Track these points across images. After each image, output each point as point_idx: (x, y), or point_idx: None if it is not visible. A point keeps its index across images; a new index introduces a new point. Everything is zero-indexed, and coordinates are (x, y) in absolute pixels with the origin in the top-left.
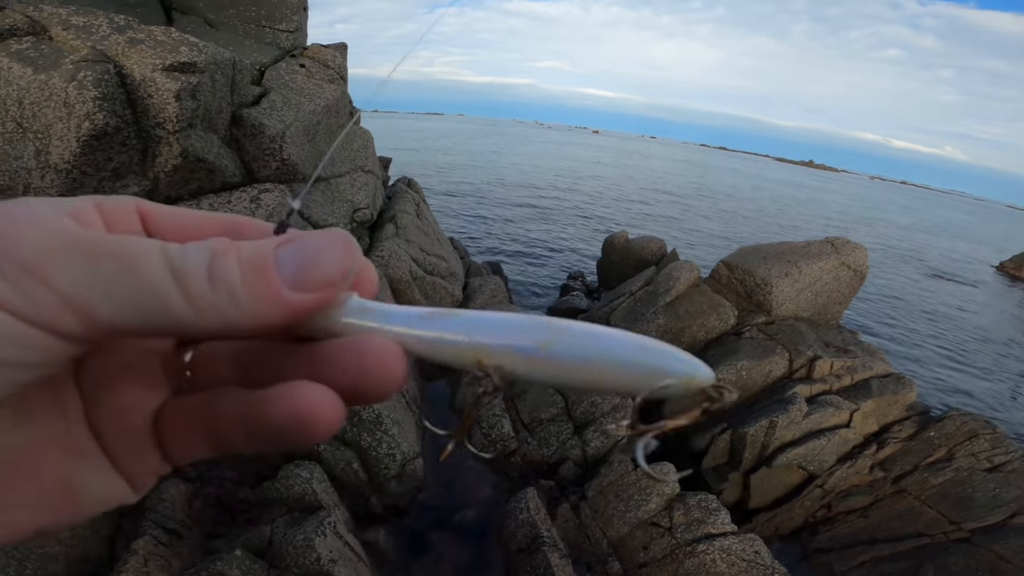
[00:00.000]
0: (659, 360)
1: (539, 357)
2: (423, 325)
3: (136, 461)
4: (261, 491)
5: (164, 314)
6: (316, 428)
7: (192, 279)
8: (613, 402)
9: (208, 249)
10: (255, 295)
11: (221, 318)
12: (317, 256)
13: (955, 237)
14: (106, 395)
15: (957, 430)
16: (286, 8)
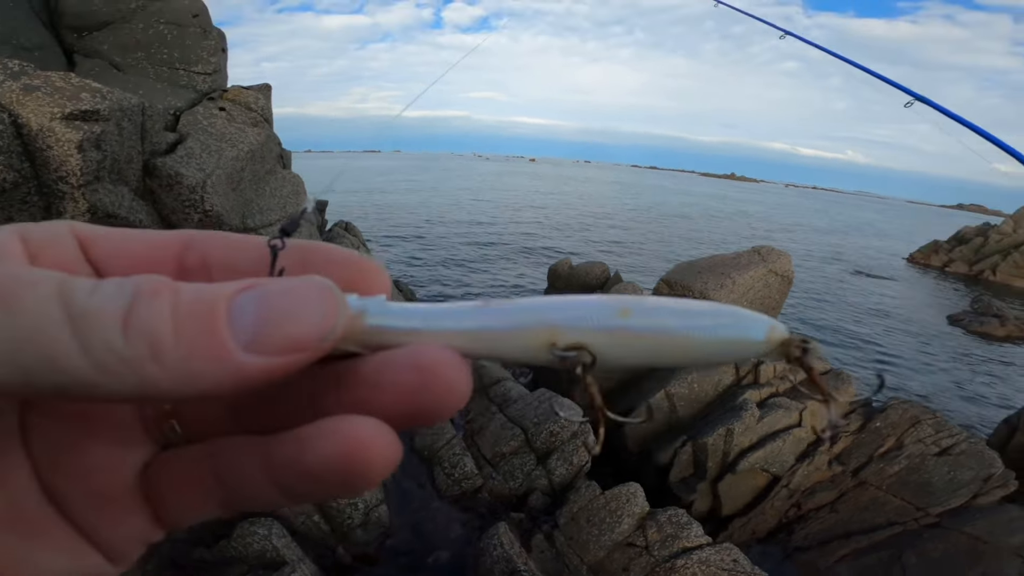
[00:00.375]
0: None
1: (620, 331)
2: (479, 318)
3: (115, 528)
4: (218, 550)
5: (51, 370)
6: (370, 471)
7: (94, 323)
8: (572, 429)
9: (131, 286)
10: (192, 352)
11: (137, 379)
12: (288, 308)
13: (867, 235)
14: (67, 455)
15: (900, 418)
16: (202, 50)
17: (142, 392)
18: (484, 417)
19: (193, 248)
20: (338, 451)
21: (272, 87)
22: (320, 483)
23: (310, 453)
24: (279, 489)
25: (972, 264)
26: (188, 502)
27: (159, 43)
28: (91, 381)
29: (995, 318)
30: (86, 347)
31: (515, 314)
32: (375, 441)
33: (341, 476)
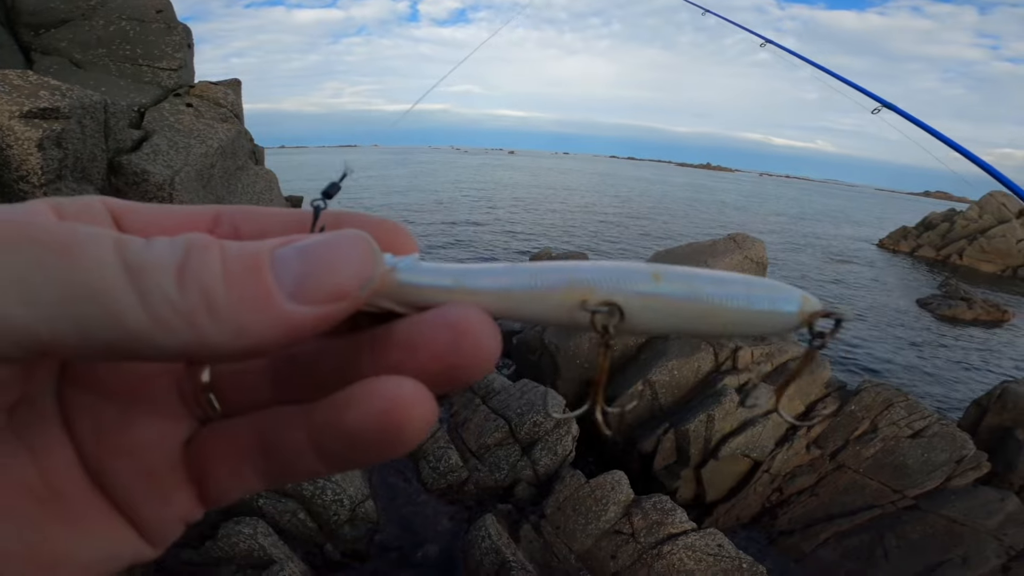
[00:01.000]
0: (775, 294)
1: (653, 295)
2: (512, 277)
3: (158, 507)
4: (204, 551)
5: (108, 325)
6: (408, 430)
7: (153, 276)
8: (555, 419)
9: (182, 242)
10: (242, 303)
11: (191, 333)
12: (328, 258)
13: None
14: (116, 432)
15: (873, 401)
16: (166, 45)
17: (193, 347)
18: (468, 409)
19: (223, 220)
20: (377, 411)
21: (242, 83)
22: (359, 445)
23: (350, 414)
24: (320, 455)
25: (939, 249)
26: (232, 476)
27: (121, 39)
28: (146, 335)
29: (963, 301)
30: (144, 299)
31: (549, 274)
32: (413, 401)
33: (380, 436)
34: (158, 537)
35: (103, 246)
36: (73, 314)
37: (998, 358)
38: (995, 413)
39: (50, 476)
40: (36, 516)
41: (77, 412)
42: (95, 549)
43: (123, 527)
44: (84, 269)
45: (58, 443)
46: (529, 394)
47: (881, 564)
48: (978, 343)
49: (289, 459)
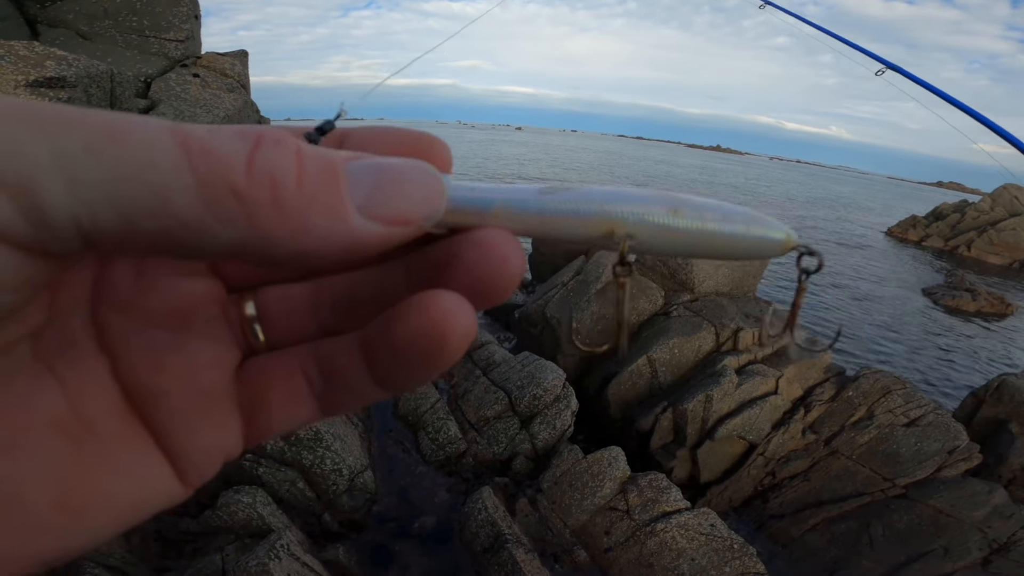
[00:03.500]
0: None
1: (670, 228)
2: (548, 203)
3: (203, 438)
4: (203, 520)
5: (156, 209)
6: (453, 340)
7: (218, 160)
8: (555, 394)
9: (254, 132)
10: (312, 202)
11: (250, 225)
12: (402, 183)
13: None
14: (167, 352)
15: (871, 387)
16: (173, 16)
17: (251, 241)
18: (468, 381)
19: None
20: (422, 323)
21: (249, 55)
22: (408, 358)
23: (397, 328)
24: (375, 375)
25: (948, 239)
26: (287, 404)
27: (128, 11)
28: (200, 224)
29: (967, 292)
30: (202, 183)
31: (581, 203)
32: (455, 311)
33: (425, 347)
34: (195, 473)
35: (159, 129)
36: (118, 198)
37: (999, 350)
38: (991, 405)
39: (81, 408)
40: (64, 455)
41: (122, 337)
42: (128, 489)
43: (159, 464)
44: (135, 148)
45: (93, 371)
46: (530, 367)
47: (865, 552)
48: (980, 334)
49: (346, 382)
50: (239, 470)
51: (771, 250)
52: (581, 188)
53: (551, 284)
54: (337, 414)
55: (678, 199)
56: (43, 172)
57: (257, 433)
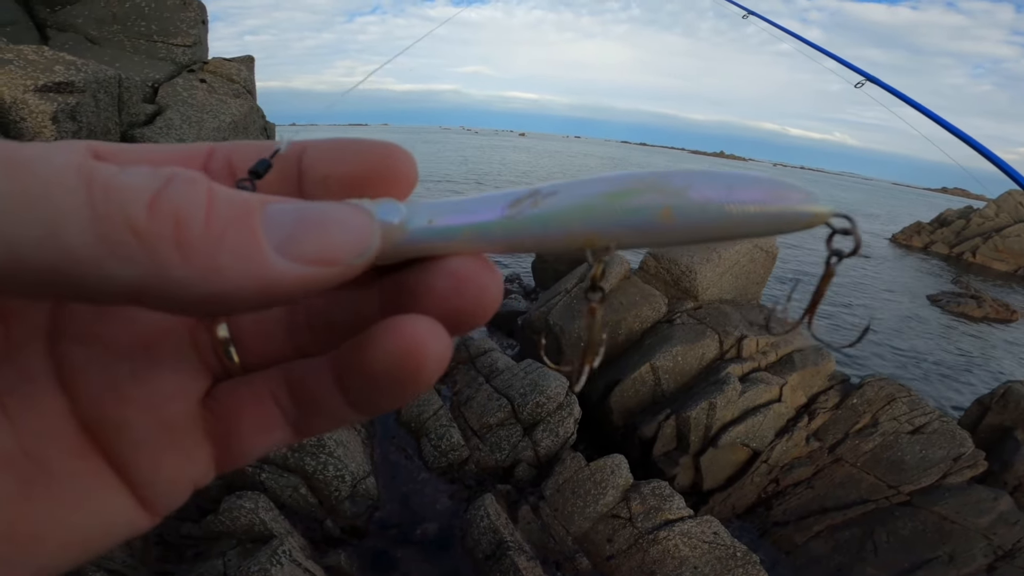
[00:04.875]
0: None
1: (658, 230)
2: (512, 224)
3: (168, 469)
4: (205, 525)
5: (44, 241)
6: (427, 364)
7: (119, 195)
8: (558, 401)
9: (167, 171)
10: (220, 241)
11: (150, 264)
12: (324, 221)
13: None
14: (128, 384)
15: (876, 395)
16: (181, 22)
17: (150, 281)
18: (471, 388)
19: (217, 156)
20: (396, 348)
21: (255, 60)
22: (382, 382)
23: (371, 352)
24: (347, 398)
25: (952, 246)
26: (258, 429)
27: (136, 16)
28: (93, 260)
29: (973, 299)
30: (98, 217)
31: (550, 221)
32: (430, 337)
33: (400, 372)
34: (161, 503)
35: (63, 165)
36: (5, 227)
37: (1004, 357)
38: (996, 412)
39: (32, 446)
40: (13, 491)
41: (82, 370)
42: (84, 520)
43: (118, 494)
44: (31, 181)
45: (47, 407)
46: (533, 374)
47: (870, 559)
48: (986, 341)
49: (318, 405)
50: (241, 475)
51: (795, 224)
52: (553, 197)
53: (554, 291)
54: (313, 435)
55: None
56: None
57: (230, 459)
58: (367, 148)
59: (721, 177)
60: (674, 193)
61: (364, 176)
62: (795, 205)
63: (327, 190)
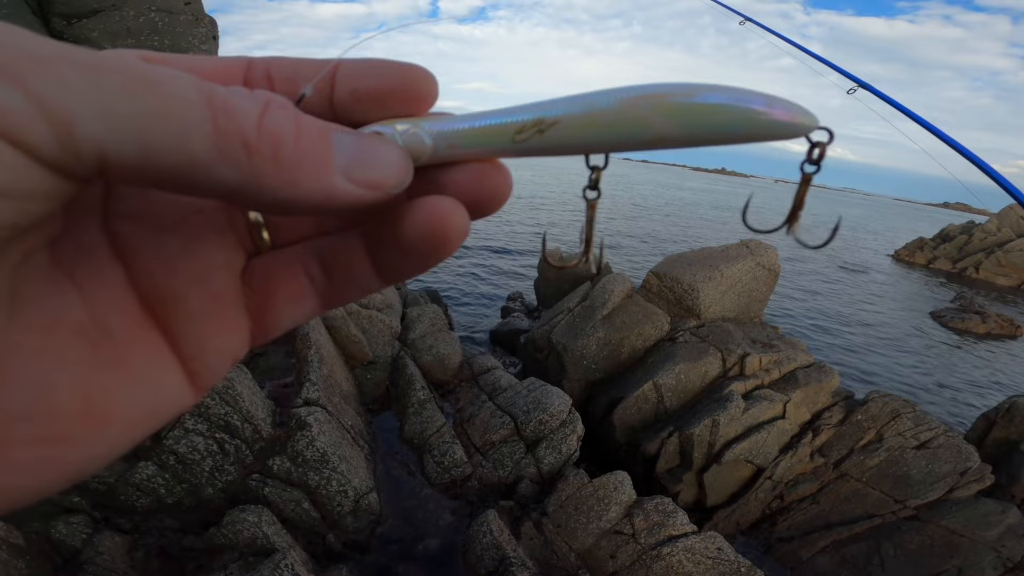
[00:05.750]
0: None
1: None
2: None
3: (216, 341)
4: (208, 538)
5: (174, 148)
6: (452, 234)
7: (236, 115)
8: (561, 419)
9: (263, 95)
10: (304, 160)
11: (250, 172)
12: (377, 153)
13: (853, 230)
14: (179, 257)
15: (880, 411)
16: (193, 37)
17: (247, 186)
18: (474, 405)
19: (255, 68)
20: (427, 218)
21: None
22: (412, 250)
23: (405, 223)
24: (377, 266)
25: (956, 262)
26: (291, 299)
27: (150, 30)
28: (207, 164)
29: (977, 315)
30: (219, 131)
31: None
32: (454, 212)
33: (429, 240)
34: (206, 376)
35: (187, 82)
36: (143, 136)
37: (1009, 372)
38: (1002, 427)
39: (100, 315)
40: (89, 362)
41: (135, 244)
42: (145, 396)
43: (173, 368)
44: (166, 96)
45: (109, 278)
46: (536, 392)
47: (877, 573)
48: (990, 357)
49: (350, 275)
50: (245, 489)
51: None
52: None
53: (557, 310)
54: (338, 306)
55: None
56: (81, 103)
57: (263, 332)
58: (393, 68)
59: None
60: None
61: (389, 92)
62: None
63: (356, 101)
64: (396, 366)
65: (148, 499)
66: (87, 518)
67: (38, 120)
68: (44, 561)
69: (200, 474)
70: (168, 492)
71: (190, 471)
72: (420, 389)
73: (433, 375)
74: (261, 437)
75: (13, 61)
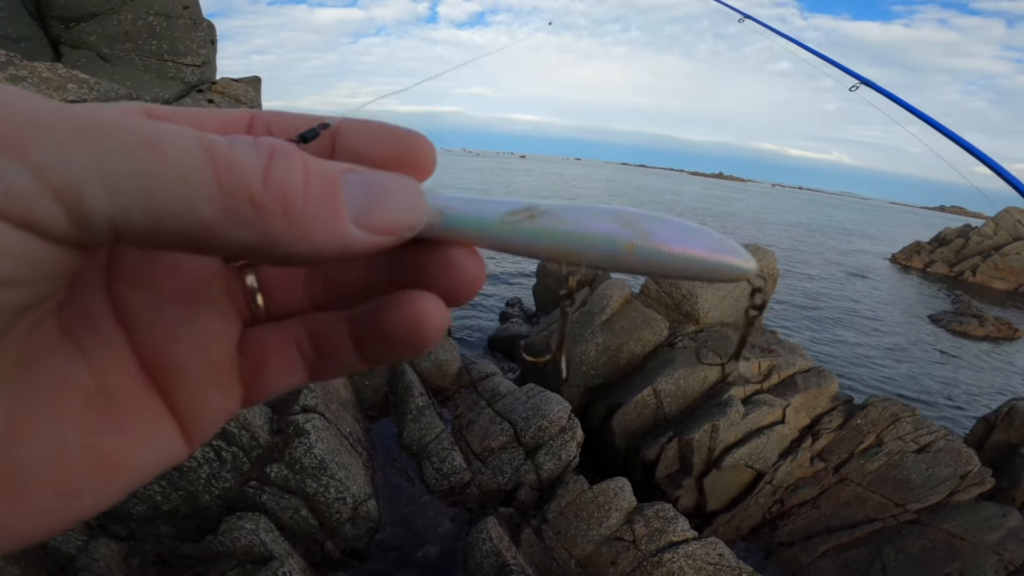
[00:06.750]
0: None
1: (624, 258)
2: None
3: (214, 401)
4: (205, 546)
5: (182, 213)
6: (430, 333)
7: (240, 171)
8: (561, 425)
9: (267, 145)
10: (315, 213)
11: (261, 230)
12: (389, 194)
13: (851, 234)
14: (179, 325)
15: (880, 415)
16: (191, 41)
17: (259, 244)
18: (473, 412)
19: (257, 123)
20: (408, 317)
21: (262, 80)
22: (392, 342)
23: (387, 317)
24: (360, 351)
25: (952, 265)
26: (282, 369)
27: (148, 34)
28: (219, 227)
29: (974, 318)
30: (225, 192)
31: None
32: (434, 310)
33: (409, 336)
34: (200, 435)
35: (187, 140)
36: (150, 202)
37: (1007, 376)
38: (1002, 430)
39: (105, 381)
40: (95, 423)
41: (138, 311)
42: (147, 454)
43: (171, 429)
44: (168, 158)
45: (111, 345)
46: (535, 398)
47: None
48: (988, 360)
49: (335, 355)
50: (243, 496)
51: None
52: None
53: (555, 315)
54: (324, 380)
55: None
56: (87, 177)
57: (253, 397)
58: (396, 135)
59: (681, 228)
60: (641, 234)
61: (392, 159)
62: (729, 261)
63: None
64: (394, 372)
65: (144, 506)
66: (82, 525)
67: (45, 197)
68: (39, 568)
69: (197, 481)
70: (165, 499)
71: (187, 478)
72: (419, 395)
73: (432, 381)
74: (259, 444)
75: (13, 132)
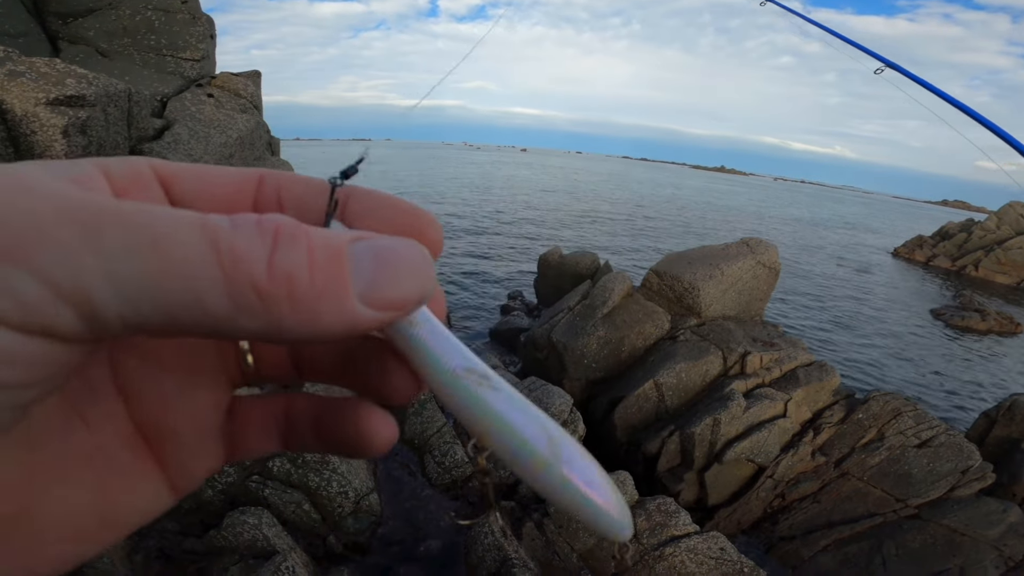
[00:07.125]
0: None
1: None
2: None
3: (196, 461)
4: (207, 540)
5: (190, 305)
6: (377, 444)
7: (244, 263)
8: (562, 418)
9: (271, 228)
10: (321, 296)
11: (269, 318)
12: (397, 265)
13: (854, 228)
14: (176, 396)
15: (882, 410)
16: (190, 36)
17: (267, 331)
18: None
19: (266, 185)
20: (360, 428)
21: (262, 74)
22: (343, 444)
23: (342, 423)
24: (316, 437)
25: (955, 259)
26: (259, 438)
27: (146, 29)
28: (228, 317)
29: (977, 313)
30: (231, 285)
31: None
32: (383, 427)
33: (358, 443)
34: (185, 489)
35: (191, 233)
36: (161, 299)
37: (1009, 370)
38: (1003, 425)
39: (105, 446)
40: (95, 482)
41: (136, 382)
42: (139, 504)
43: (161, 485)
44: (173, 251)
45: (111, 413)
46: (537, 392)
47: (879, 572)
48: (990, 355)
49: (301, 436)
50: (245, 491)
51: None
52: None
53: (557, 308)
54: (294, 452)
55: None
56: (94, 280)
57: (233, 457)
58: (405, 213)
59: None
60: (557, 458)
61: (396, 234)
62: (614, 520)
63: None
64: None
65: None
66: None
67: (55, 303)
68: None
69: None
70: None
71: None
72: None
73: None
74: None
75: (17, 239)
